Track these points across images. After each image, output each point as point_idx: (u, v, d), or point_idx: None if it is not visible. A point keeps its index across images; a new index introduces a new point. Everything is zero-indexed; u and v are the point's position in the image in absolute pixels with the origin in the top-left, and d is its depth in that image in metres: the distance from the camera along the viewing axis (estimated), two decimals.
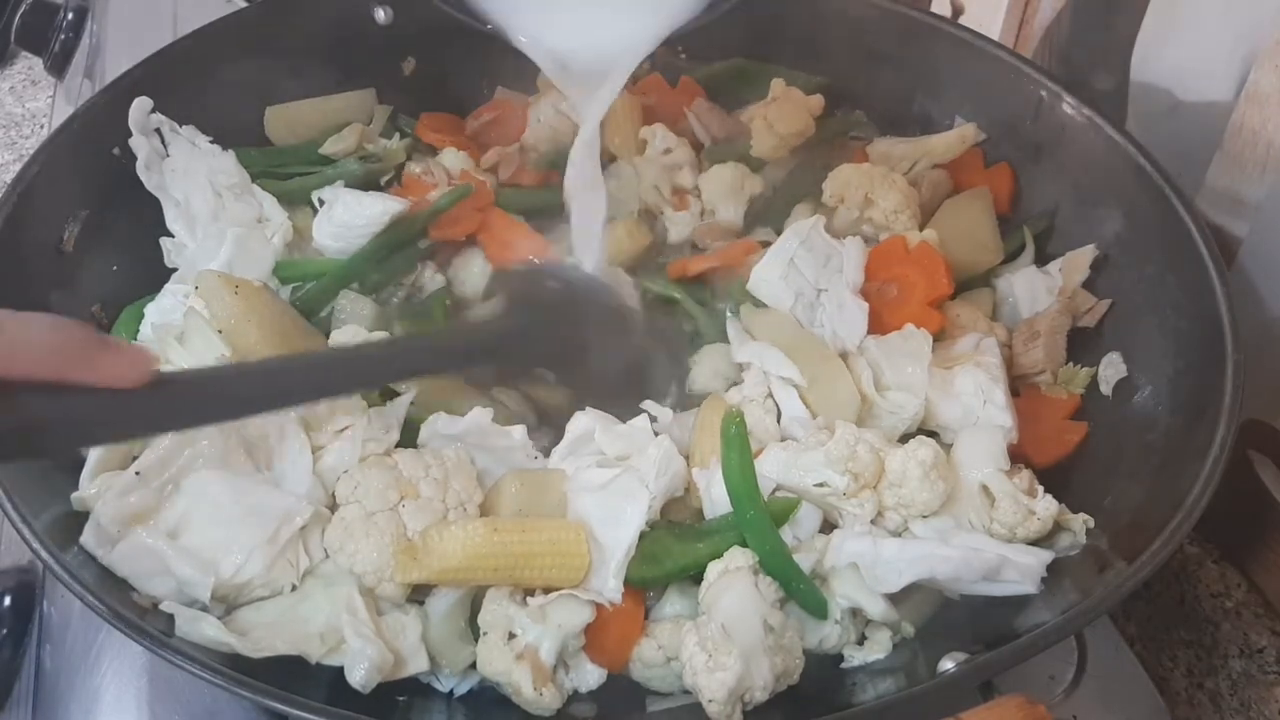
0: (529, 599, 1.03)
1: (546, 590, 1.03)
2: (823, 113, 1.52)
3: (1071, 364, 1.30)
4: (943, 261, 1.29)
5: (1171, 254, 1.23)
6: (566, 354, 1.17)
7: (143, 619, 0.95)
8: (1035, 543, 1.10)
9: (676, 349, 1.30)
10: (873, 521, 1.10)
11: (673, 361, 1.28)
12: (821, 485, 1.09)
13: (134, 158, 1.35)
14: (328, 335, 1.27)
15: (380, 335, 1.24)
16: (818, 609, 1.06)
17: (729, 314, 1.29)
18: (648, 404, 1.19)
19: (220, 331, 1.16)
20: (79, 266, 1.28)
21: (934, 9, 1.70)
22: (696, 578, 1.07)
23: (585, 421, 1.14)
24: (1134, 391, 1.24)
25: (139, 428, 0.89)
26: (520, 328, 1.15)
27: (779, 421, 1.18)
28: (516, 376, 1.21)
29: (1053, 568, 1.05)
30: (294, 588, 1.03)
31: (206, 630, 0.96)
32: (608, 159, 1.50)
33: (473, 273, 1.40)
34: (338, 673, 0.98)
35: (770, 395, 1.19)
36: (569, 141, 1.46)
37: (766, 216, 1.43)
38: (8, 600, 1.20)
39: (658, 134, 1.47)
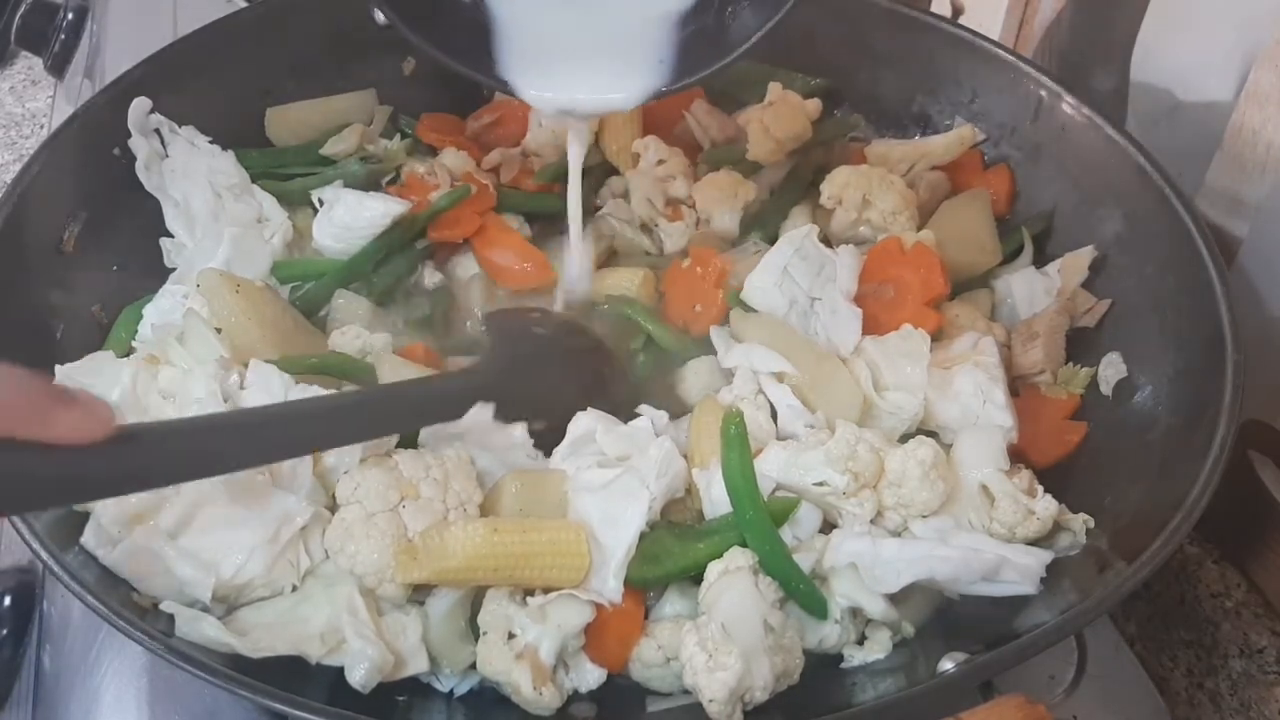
0: (529, 599, 1.03)
1: (547, 590, 1.03)
2: (821, 115, 1.52)
3: (1071, 364, 1.30)
4: (939, 261, 1.29)
5: (1171, 254, 1.23)
6: (548, 402, 1.17)
7: (143, 619, 0.95)
8: (1035, 543, 1.10)
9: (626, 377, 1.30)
10: (872, 521, 1.10)
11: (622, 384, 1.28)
12: (821, 484, 1.09)
13: (134, 158, 1.35)
14: (327, 335, 1.27)
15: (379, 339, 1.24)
16: (817, 609, 1.06)
17: (713, 326, 1.29)
18: (644, 408, 1.19)
19: (219, 330, 1.16)
20: (79, 267, 1.28)
21: (934, 9, 1.70)
22: (696, 578, 1.07)
23: (586, 422, 1.14)
24: (1134, 391, 1.24)
25: (99, 488, 0.83)
26: (506, 377, 1.16)
27: (774, 419, 1.18)
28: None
29: (1053, 568, 1.06)
30: (294, 588, 1.03)
31: (207, 630, 0.96)
32: (607, 170, 1.50)
33: (471, 270, 1.40)
34: (338, 673, 0.98)
35: (761, 392, 1.20)
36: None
37: (763, 221, 1.43)
38: (8, 600, 1.20)
39: (650, 146, 1.46)
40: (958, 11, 1.69)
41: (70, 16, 2.03)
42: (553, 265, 1.37)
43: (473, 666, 1.04)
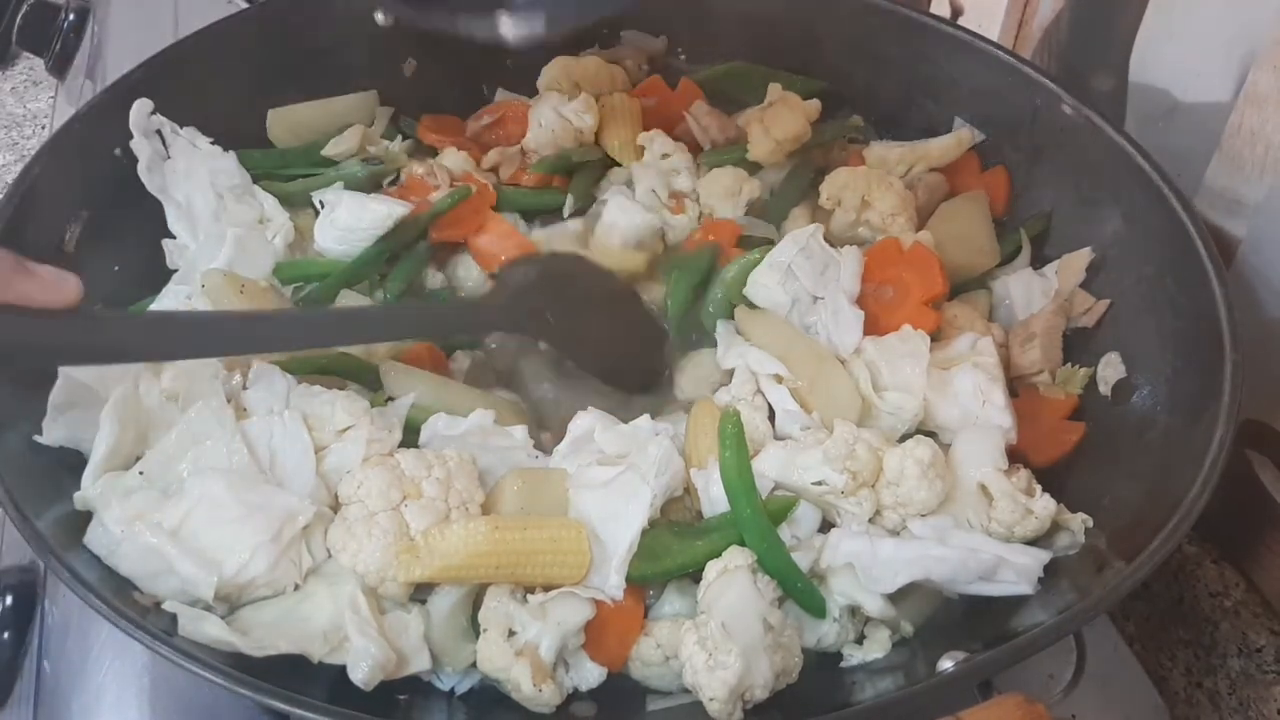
0: (529, 596, 1.03)
1: (548, 588, 1.03)
2: (820, 116, 1.52)
3: (1070, 364, 1.30)
4: (937, 261, 1.29)
5: (1170, 254, 1.23)
6: (561, 325, 1.23)
7: (144, 618, 0.96)
8: (1033, 542, 1.10)
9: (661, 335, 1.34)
10: (871, 520, 1.10)
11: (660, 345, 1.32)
12: (819, 484, 1.09)
13: (135, 159, 1.35)
14: None
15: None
16: (816, 608, 1.06)
17: (720, 320, 1.30)
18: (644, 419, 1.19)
19: None
20: (80, 267, 1.24)
21: (933, 9, 1.70)
22: (695, 577, 1.07)
23: (586, 421, 1.15)
24: (1132, 391, 1.24)
25: (60, 355, 0.92)
26: (516, 298, 1.23)
27: (771, 420, 1.18)
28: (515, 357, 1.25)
29: (1051, 567, 1.06)
30: (297, 587, 1.04)
31: (209, 629, 0.96)
32: (606, 164, 1.50)
33: (472, 271, 1.40)
34: (339, 672, 0.98)
35: (759, 393, 1.20)
36: (570, 145, 1.47)
37: (764, 221, 1.43)
38: (9, 600, 1.20)
39: (655, 140, 1.47)
40: (957, 12, 1.69)
41: (71, 17, 2.03)
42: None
43: (474, 665, 1.04)
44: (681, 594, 1.09)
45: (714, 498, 1.10)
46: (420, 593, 1.06)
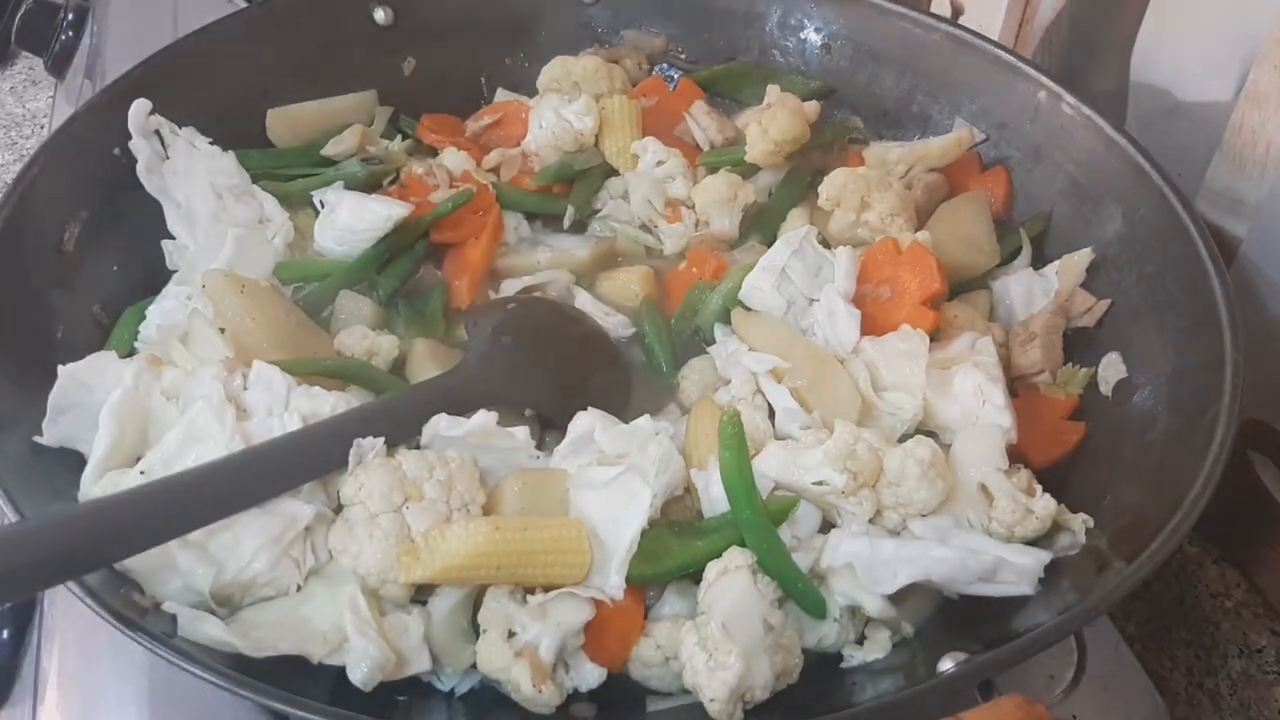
0: (529, 597, 1.03)
1: (548, 588, 1.03)
2: (819, 117, 1.52)
3: (1071, 364, 1.30)
4: (934, 260, 1.28)
5: (1171, 254, 1.23)
6: (547, 387, 1.23)
7: (144, 619, 0.95)
8: (1034, 542, 1.10)
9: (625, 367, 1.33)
10: (871, 520, 1.10)
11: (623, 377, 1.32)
12: (820, 484, 1.09)
13: (134, 158, 1.35)
14: (331, 335, 1.27)
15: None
16: (816, 608, 1.06)
17: (718, 325, 1.30)
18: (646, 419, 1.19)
19: (223, 331, 1.16)
20: (80, 267, 1.28)
21: (934, 9, 1.70)
22: (695, 577, 1.07)
23: (586, 421, 1.14)
24: (1133, 391, 1.24)
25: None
26: (487, 369, 1.21)
27: (772, 420, 1.18)
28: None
29: (1052, 567, 1.06)
30: (299, 588, 1.04)
31: (209, 630, 0.96)
32: (606, 172, 1.50)
33: None
34: (339, 673, 0.98)
35: (759, 392, 1.20)
36: (570, 148, 1.47)
37: (761, 223, 1.43)
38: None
39: (649, 147, 1.47)
40: (957, 12, 1.69)
41: (71, 17, 2.03)
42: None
43: (474, 666, 1.04)
44: (681, 595, 1.08)
45: (714, 498, 1.10)
46: (421, 594, 1.06)
